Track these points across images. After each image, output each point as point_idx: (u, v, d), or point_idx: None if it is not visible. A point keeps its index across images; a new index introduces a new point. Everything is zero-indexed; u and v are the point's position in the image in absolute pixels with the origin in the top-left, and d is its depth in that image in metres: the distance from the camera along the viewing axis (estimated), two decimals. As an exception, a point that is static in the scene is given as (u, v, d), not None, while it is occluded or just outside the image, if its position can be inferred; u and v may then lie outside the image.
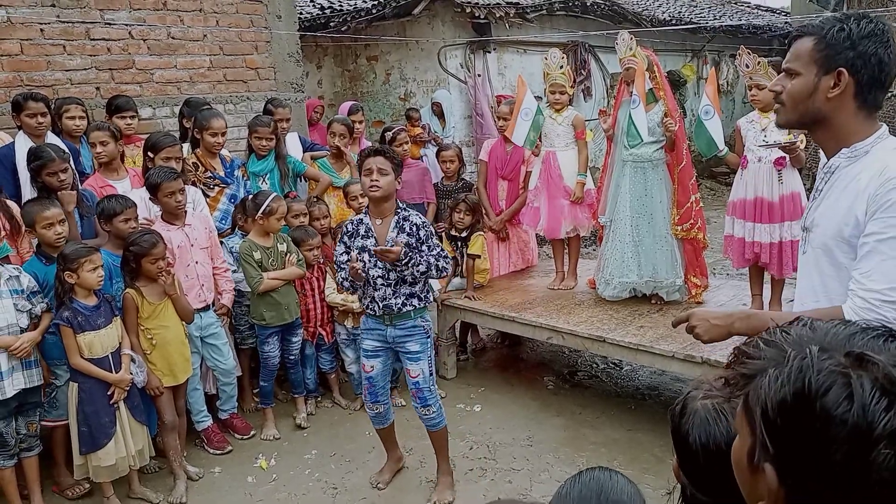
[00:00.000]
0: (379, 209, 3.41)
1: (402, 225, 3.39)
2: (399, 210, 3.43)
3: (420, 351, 3.48)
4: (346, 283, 3.51)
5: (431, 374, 3.55)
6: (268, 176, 4.76)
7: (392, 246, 3.27)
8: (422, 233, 3.40)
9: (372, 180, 3.30)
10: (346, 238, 3.47)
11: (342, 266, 3.45)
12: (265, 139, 4.70)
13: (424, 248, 3.39)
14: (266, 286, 4.20)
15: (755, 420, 0.82)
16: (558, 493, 1.25)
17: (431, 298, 3.64)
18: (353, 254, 3.37)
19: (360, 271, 3.32)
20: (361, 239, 3.41)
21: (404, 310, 3.41)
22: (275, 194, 4.31)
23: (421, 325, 3.49)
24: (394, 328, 3.46)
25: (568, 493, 1.23)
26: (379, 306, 3.42)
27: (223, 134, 4.51)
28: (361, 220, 3.46)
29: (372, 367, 3.55)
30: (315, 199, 4.91)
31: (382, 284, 3.38)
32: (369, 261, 3.37)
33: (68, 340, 3.36)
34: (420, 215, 3.50)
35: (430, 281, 3.54)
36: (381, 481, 3.77)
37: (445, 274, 3.55)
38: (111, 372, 3.46)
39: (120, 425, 3.51)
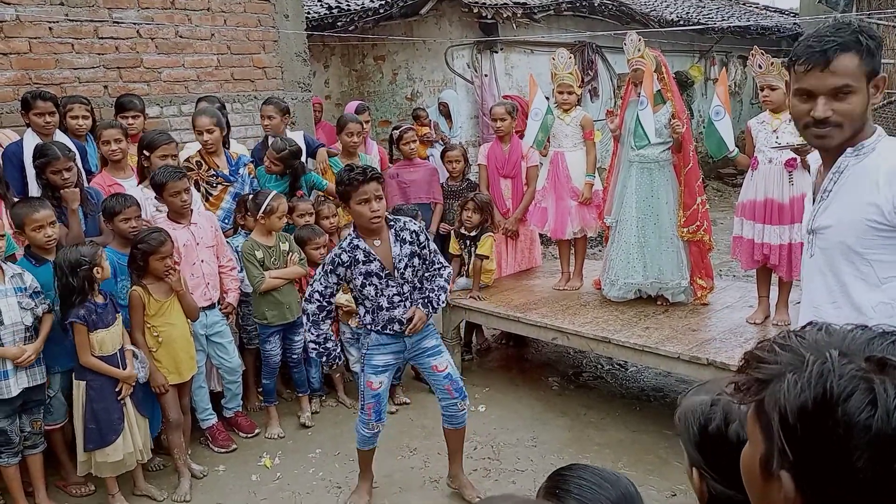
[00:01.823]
0: (374, 231, 3.18)
1: (402, 235, 3.22)
2: (391, 222, 3.24)
3: (438, 343, 3.45)
4: (315, 329, 3.29)
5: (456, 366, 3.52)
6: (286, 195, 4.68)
7: (415, 321, 3.26)
8: (421, 237, 3.28)
9: (372, 210, 3.09)
10: (340, 269, 3.20)
11: (313, 298, 3.24)
12: (272, 163, 4.61)
13: (426, 252, 3.30)
14: (268, 285, 4.20)
15: (772, 426, 0.80)
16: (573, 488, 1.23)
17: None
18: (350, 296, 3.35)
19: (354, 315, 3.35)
20: (364, 265, 3.19)
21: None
22: (275, 192, 4.30)
23: (430, 322, 3.45)
24: (410, 337, 3.34)
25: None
26: (402, 323, 3.27)
27: (209, 132, 4.40)
28: (356, 245, 3.18)
29: (380, 383, 3.35)
30: (323, 198, 4.90)
31: (400, 301, 3.25)
32: (380, 283, 3.21)
33: (81, 338, 3.36)
34: (411, 220, 3.34)
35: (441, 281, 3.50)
36: None
37: (448, 284, 3.48)
38: (119, 369, 3.48)
39: (127, 421, 3.53)
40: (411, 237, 3.24)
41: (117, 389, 3.47)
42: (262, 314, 4.30)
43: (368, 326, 3.33)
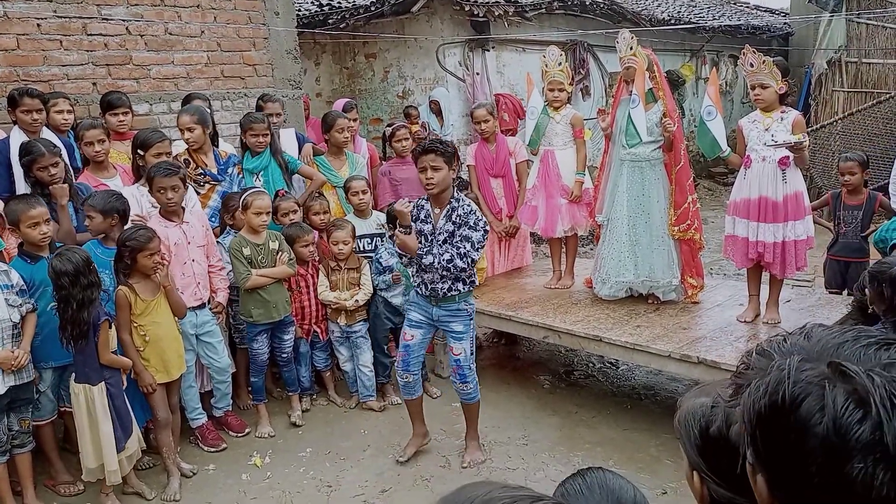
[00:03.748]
0: (437, 199, 3.64)
1: (450, 215, 3.60)
2: (451, 200, 3.63)
3: (463, 331, 3.74)
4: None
5: (472, 354, 3.80)
6: (262, 173, 4.68)
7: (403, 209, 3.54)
8: (459, 220, 3.58)
9: (427, 178, 3.53)
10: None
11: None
12: (261, 136, 4.61)
13: (457, 235, 3.57)
14: (253, 283, 4.18)
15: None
16: (563, 492, 1.23)
17: (476, 281, 3.86)
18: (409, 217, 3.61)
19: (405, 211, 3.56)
20: (421, 223, 3.67)
21: (450, 294, 3.65)
22: (253, 188, 4.28)
23: (465, 308, 3.74)
24: (439, 308, 3.72)
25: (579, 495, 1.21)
26: (427, 287, 3.68)
27: (190, 130, 4.36)
28: (423, 205, 3.70)
29: (412, 336, 3.83)
30: (317, 195, 4.87)
31: (433, 269, 3.58)
32: (425, 244, 3.63)
33: (106, 335, 3.37)
34: (470, 203, 3.66)
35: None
36: (403, 455, 3.96)
37: (467, 262, 3.57)
38: None
39: None
40: (456, 219, 3.60)
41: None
42: (248, 312, 4.28)
43: (413, 281, 3.83)
